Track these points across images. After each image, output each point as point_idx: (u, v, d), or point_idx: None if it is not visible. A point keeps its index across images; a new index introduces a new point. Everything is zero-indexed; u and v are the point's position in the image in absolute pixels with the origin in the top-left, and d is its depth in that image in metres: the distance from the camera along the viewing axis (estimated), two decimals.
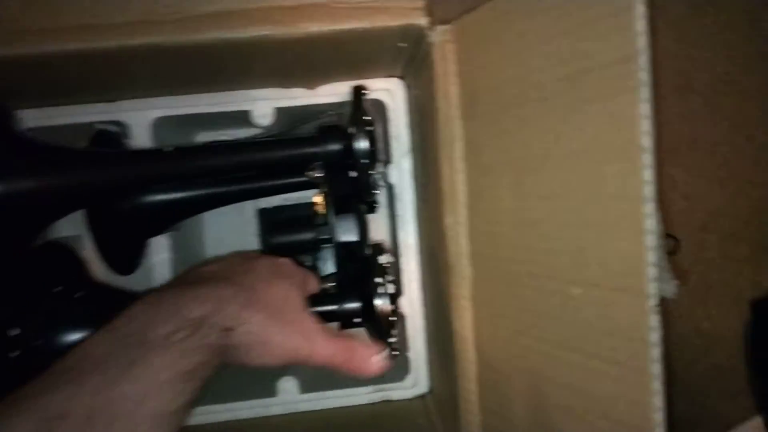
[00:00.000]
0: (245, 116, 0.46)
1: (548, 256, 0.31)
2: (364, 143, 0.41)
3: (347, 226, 0.45)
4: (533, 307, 0.33)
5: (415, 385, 0.51)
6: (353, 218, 0.45)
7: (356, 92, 0.43)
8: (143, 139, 0.46)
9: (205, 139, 0.56)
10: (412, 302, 0.50)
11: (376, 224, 0.58)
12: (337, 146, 0.42)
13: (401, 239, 0.50)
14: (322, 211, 0.45)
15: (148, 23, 0.32)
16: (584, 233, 0.28)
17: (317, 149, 0.42)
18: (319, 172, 0.43)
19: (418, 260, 0.50)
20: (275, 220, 0.54)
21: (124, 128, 0.46)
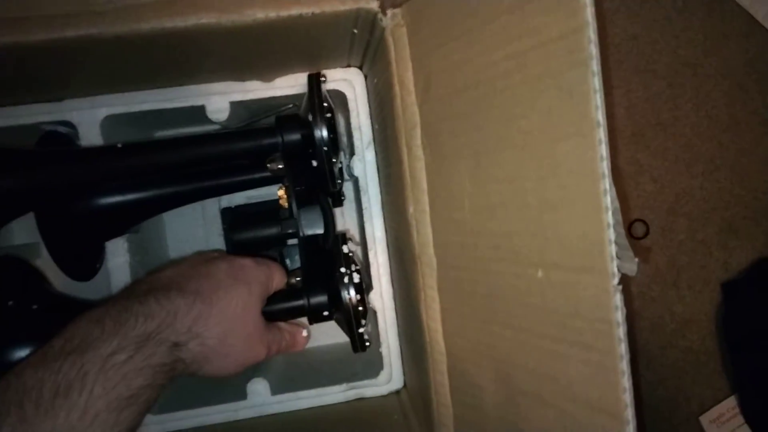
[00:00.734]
0: (200, 112, 0.45)
1: (510, 239, 0.30)
2: (323, 131, 0.40)
3: (311, 218, 0.44)
4: (499, 293, 0.32)
5: (389, 381, 0.50)
6: (317, 210, 0.44)
7: (313, 79, 0.42)
8: (93, 139, 0.44)
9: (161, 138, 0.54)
10: (382, 296, 0.49)
11: (345, 218, 0.57)
12: (295, 135, 0.41)
13: (369, 233, 0.49)
14: (285, 204, 0.44)
15: (84, 14, 0.30)
16: (543, 214, 0.28)
17: (275, 140, 0.41)
18: (279, 163, 0.42)
19: (386, 253, 0.49)
20: (239, 217, 0.53)
21: (74, 129, 0.44)
